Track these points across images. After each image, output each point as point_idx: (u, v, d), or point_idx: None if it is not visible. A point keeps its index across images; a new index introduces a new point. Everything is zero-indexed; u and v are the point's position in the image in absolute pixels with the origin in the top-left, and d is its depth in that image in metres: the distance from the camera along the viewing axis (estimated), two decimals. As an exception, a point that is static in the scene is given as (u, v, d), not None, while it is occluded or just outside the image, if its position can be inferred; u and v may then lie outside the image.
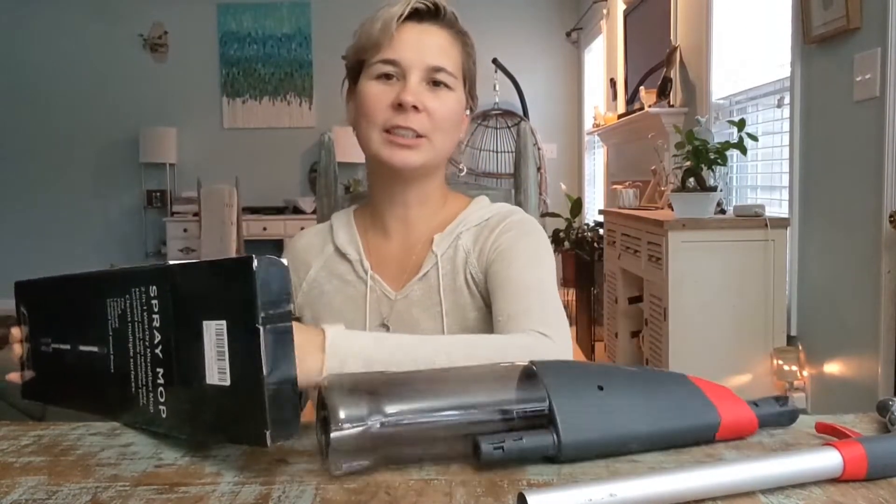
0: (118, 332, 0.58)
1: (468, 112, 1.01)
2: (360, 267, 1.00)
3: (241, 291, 0.48)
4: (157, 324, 0.54)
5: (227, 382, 0.50)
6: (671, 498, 0.50)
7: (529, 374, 0.61)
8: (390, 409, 0.56)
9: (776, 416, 0.66)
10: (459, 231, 0.99)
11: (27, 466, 0.61)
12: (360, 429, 0.54)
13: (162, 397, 0.55)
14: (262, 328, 0.47)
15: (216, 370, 0.50)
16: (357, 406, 0.55)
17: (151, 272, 0.55)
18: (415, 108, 0.90)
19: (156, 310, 0.54)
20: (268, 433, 0.49)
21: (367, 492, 0.54)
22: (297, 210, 6.01)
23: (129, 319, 0.56)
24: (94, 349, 0.61)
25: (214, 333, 0.50)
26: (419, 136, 0.91)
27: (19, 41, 6.11)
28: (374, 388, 0.57)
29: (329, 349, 0.66)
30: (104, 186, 6.26)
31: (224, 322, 0.49)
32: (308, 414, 0.95)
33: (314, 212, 3.26)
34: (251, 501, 0.53)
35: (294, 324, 0.53)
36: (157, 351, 0.54)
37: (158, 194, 6.21)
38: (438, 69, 0.92)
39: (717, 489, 0.51)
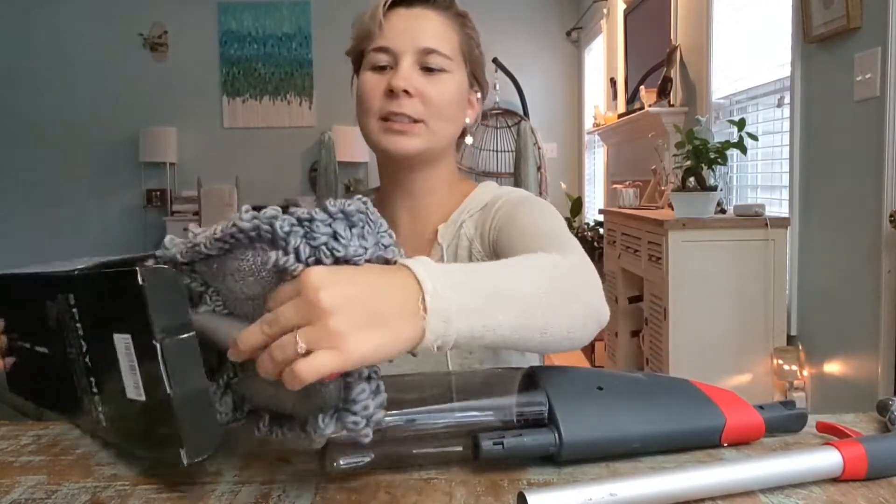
0: (57, 336, 0.55)
1: (478, 95, 0.99)
2: None
3: (134, 305, 0.45)
4: (81, 332, 0.51)
5: (143, 398, 0.47)
6: (671, 498, 0.50)
7: (530, 379, 0.61)
8: (388, 408, 0.56)
9: (784, 421, 0.65)
10: (462, 219, 0.97)
11: (27, 466, 0.61)
12: None
13: (98, 406, 0.53)
14: (159, 344, 0.44)
15: (132, 384, 0.48)
16: None
17: (63, 279, 0.51)
18: (406, 92, 0.89)
19: (76, 318, 0.51)
20: (182, 451, 0.46)
21: (367, 491, 0.54)
22: (297, 209, 6.01)
23: (64, 324, 0.54)
24: (46, 350, 0.58)
25: (123, 347, 0.47)
26: (415, 121, 0.90)
27: (19, 40, 6.10)
28: None
29: (431, 306, 0.50)
30: (104, 186, 6.25)
31: (129, 336, 0.47)
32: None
33: (314, 211, 3.24)
34: (251, 501, 0.53)
35: (369, 266, 0.50)
36: (87, 360, 0.52)
37: (158, 194, 6.21)
38: (430, 51, 0.91)
39: (717, 489, 0.51)
